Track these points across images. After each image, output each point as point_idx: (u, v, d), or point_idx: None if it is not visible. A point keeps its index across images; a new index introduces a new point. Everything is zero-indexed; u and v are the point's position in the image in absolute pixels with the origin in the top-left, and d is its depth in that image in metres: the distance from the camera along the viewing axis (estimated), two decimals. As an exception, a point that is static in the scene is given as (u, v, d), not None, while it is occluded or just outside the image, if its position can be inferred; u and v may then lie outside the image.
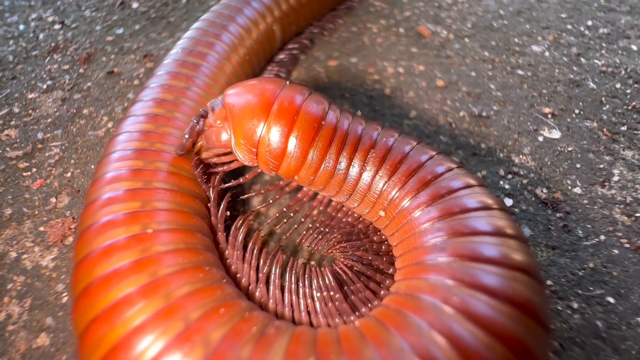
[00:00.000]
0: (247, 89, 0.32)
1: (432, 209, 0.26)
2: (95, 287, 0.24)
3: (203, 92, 0.38)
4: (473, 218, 0.25)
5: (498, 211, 0.26)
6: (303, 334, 0.23)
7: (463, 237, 0.24)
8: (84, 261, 0.25)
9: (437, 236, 0.25)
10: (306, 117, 0.30)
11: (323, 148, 0.30)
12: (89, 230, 0.26)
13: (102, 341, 0.22)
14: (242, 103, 0.31)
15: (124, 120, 0.34)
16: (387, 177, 0.29)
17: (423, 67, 0.55)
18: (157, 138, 0.32)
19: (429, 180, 0.28)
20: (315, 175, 0.31)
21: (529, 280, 0.22)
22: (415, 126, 0.48)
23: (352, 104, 0.50)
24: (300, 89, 0.32)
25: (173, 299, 0.23)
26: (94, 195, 0.28)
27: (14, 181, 0.41)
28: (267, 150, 0.30)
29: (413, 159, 0.29)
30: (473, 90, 0.52)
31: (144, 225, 0.26)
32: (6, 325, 0.31)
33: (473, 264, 0.22)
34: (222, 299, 0.25)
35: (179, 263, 0.25)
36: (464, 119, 0.48)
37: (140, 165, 0.30)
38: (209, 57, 0.40)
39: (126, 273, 0.24)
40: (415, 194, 0.27)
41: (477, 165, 0.43)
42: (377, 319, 0.23)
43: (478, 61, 0.56)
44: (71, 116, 0.47)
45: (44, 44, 0.57)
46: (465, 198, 0.26)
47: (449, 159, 0.30)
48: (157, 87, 0.37)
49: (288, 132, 0.30)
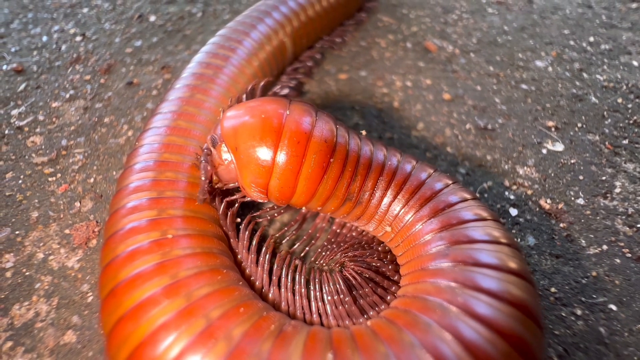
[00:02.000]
0: (245, 123, 0.29)
1: (434, 221, 0.29)
2: (121, 288, 0.25)
3: (219, 102, 0.40)
4: (471, 228, 0.27)
5: (492, 222, 0.28)
6: (319, 332, 0.25)
7: (463, 245, 0.26)
8: (110, 265, 0.27)
9: (439, 244, 0.27)
10: (318, 151, 0.29)
11: (334, 179, 0.29)
12: (114, 237, 0.28)
13: (129, 339, 0.24)
14: (245, 144, 0.28)
15: (144, 131, 0.36)
16: (393, 197, 0.31)
17: (430, 81, 0.57)
18: (176, 149, 0.34)
19: (430, 196, 0.30)
20: (325, 204, 0.31)
21: (523, 283, 0.24)
22: (422, 138, 0.49)
23: (362, 116, 0.52)
24: (306, 112, 0.30)
25: (194, 298, 0.24)
26: (118, 205, 0.30)
27: (40, 186, 0.43)
28: (277, 190, 0.29)
29: (415, 177, 0.31)
30: (479, 104, 0.53)
31: (163, 231, 0.28)
32: (35, 323, 0.33)
33: (473, 269, 0.24)
34: (240, 299, 0.26)
35: (198, 266, 0.26)
36: (469, 132, 0.50)
37: (161, 176, 0.32)
38: (224, 70, 0.43)
39: (149, 275, 0.25)
40: (418, 209, 0.30)
41: (483, 176, 0.45)
42: (387, 318, 0.25)
43: (483, 75, 0.58)
44: (93, 124, 0.49)
45: (66, 55, 0.60)
46: (462, 211, 0.29)
47: (446, 175, 0.32)
48: (176, 99, 0.39)
49: (299, 169, 0.28)
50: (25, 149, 0.47)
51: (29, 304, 0.34)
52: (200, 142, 0.35)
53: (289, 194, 0.30)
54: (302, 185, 0.29)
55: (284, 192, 0.30)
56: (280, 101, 0.31)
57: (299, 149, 0.28)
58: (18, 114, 0.51)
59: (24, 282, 0.36)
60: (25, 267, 0.37)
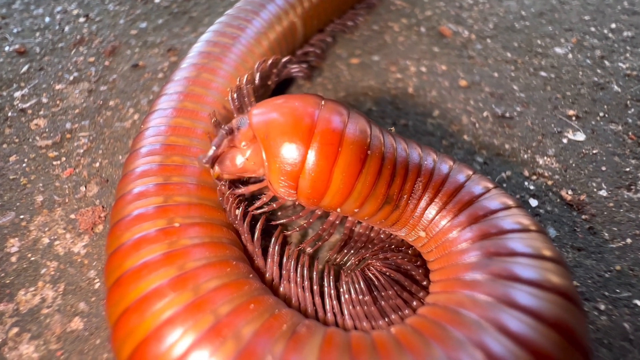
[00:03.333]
0: (279, 111, 0.28)
1: (472, 228, 0.27)
2: (126, 278, 0.24)
3: (228, 82, 0.38)
4: (512, 239, 0.25)
5: (537, 233, 0.26)
6: (335, 336, 0.23)
7: (502, 257, 0.25)
8: (116, 253, 0.26)
9: (477, 254, 0.25)
10: (352, 145, 0.27)
11: (371, 177, 0.28)
12: (120, 224, 0.27)
13: (134, 332, 0.23)
14: (278, 130, 0.27)
15: (150, 113, 0.35)
16: (430, 200, 0.29)
17: (445, 67, 0.55)
18: (184, 132, 0.32)
19: (468, 201, 0.28)
20: (361, 206, 0.29)
21: (566, 304, 0.22)
22: (438, 125, 0.48)
23: (375, 101, 0.50)
24: (339, 109, 0.29)
25: (202, 292, 0.23)
26: (124, 190, 0.29)
27: (45, 169, 0.42)
28: (309, 185, 0.27)
29: (453, 180, 0.29)
30: (496, 91, 0.52)
31: (170, 219, 0.27)
32: (41, 309, 0.32)
33: (512, 284, 0.23)
34: (250, 293, 0.25)
35: (206, 257, 0.25)
36: (487, 119, 0.48)
37: (167, 160, 0.30)
38: (232, 49, 0.41)
39: (155, 266, 0.24)
40: (455, 215, 0.28)
41: (501, 165, 0.44)
42: (414, 328, 0.23)
43: (500, 62, 0.56)
44: (98, 107, 0.48)
45: (70, 37, 0.59)
46: (504, 219, 0.27)
47: (486, 178, 0.30)
48: (183, 79, 0.37)
49: (334, 163, 0.27)
50: (29, 132, 0.46)
51: (35, 289, 0.34)
52: (208, 124, 0.34)
53: (321, 189, 0.27)
54: (338, 180, 0.27)
55: (317, 187, 0.27)
56: (312, 98, 0.30)
57: (334, 138, 0.27)
58: (21, 96, 0.49)
59: (29, 267, 0.35)
60: (30, 252, 0.36)
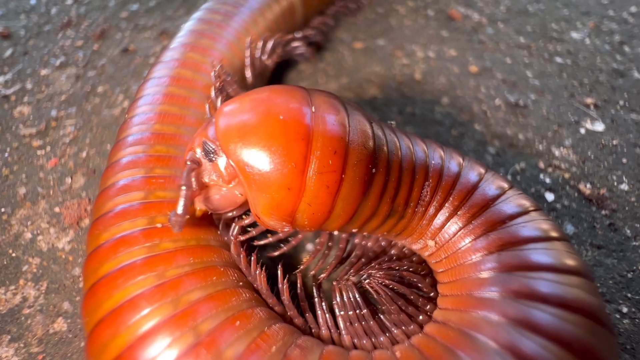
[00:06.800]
0: (261, 128, 0.22)
1: (488, 237, 0.24)
2: (102, 285, 0.22)
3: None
4: (534, 250, 0.23)
5: (561, 243, 0.24)
6: (333, 356, 0.21)
7: (522, 271, 0.22)
8: (93, 255, 0.24)
9: (493, 267, 0.23)
10: (359, 160, 0.22)
11: (376, 194, 0.24)
12: (99, 221, 0.25)
13: (108, 347, 0.21)
14: (261, 159, 0.21)
15: (136, 99, 0.32)
16: (439, 205, 0.25)
17: (455, 52, 0.53)
18: (171, 119, 0.30)
19: (483, 205, 0.25)
20: (365, 224, 0.25)
21: (595, 327, 0.20)
22: (447, 114, 0.45)
23: (380, 88, 0.48)
24: (333, 107, 0.23)
25: (182, 305, 0.21)
26: (106, 183, 0.27)
27: (28, 159, 0.40)
28: (307, 217, 0.23)
29: (465, 180, 0.26)
30: (508, 78, 0.49)
31: (151, 218, 0.24)
32: (22, 309, 0.30)
33: (532, 304, 0.20)
34: (237, 307, 0.22)
35: (190, 263, 0.23)
36: (499, 108, 0.46)
37: (151, 150, 0.28)
38: (227, 28, 0.38)
39: (133, 272, 0.22)
40: (468, 221, 0.25)
41: (515, 157, 0.41)
42: (421, 351, 0.21)
43: (513, 47, 0.53)
44: (86, 94, 0.46)
45: (57, 19, 0.56)
46: (523, 226, 0.24)
47: (501, 177, 0.27)
48: (172, 61, 0.35)
49: (338, 188, 0.22)
50: (12, 120, 0.43)
51: (16, 288, 0.32)
52: (199, 110, 0.31)
53: (321, 220, 0.23)
54: (340, 208, 0.23)
55: (316, 218, 0.23)
56: (297, 91, 0.24)
57: (336, 161, 0.22)
58: (4, 81, 0.47)
59: (10, 264, 0.33)
60: (11, 247, 0.34)
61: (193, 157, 0.24)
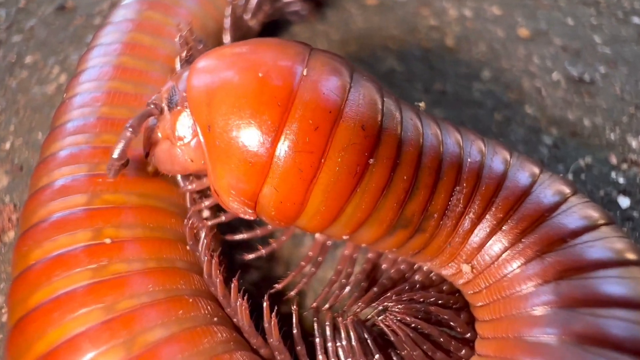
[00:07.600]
0: (233, 85, 0.21)
1: (544, 260, 0.22)
2: (31, 321, 0.20)
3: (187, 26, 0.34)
4: (605, 279, 0.21)
5: (637, 267, 0.22)
6: None
7: (586, 307, 0.21)
8: (20, 280, 0.22)
9: (549, 303, 0.21)
10: (350, 144, 0.21)
11: (373, 193, 0.22)
12: (28, 234, 0.23)
13: None
14: (227, 121, 0.21)
15: (77, 75, 0.30)
16: (477, 218, 0.23)
17: (499, 10, 0.47)
18: (124, 100, 0.28)
19: (537, 217, 0.23)
20: (357, 230, 0.23)
21: None
22: (489, 92, 0.41)
23: (399, 58, 0.43)
24: (334, 72, 0.22)
25: (138, 349, 0.19)
26: (38, 184, 0.25)
27: None
28: (273, 205, 0.22)
29: (512, 184, 0.24)
30: (570, 45, 0.44)
31: (98, 230, 0.22)
32: None
33: (603, 352, 0.19)
34: (210, 351, 0.21)
35: (149, 292, 0.22)
36: (558, 85, 0.41)
37: (98, 141, 0.26)
38: None
39: (73, 304, 0.20)
40: (517, 239, 0.23)
41: (578, 149, 0.37)
42: None
43: (577, 4, 0.48)
44: (9, 66, 0.41)
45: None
46: (591, 246, 0.22)
47: (561, 180, 0.25)
48: (125, 22, 0.32)
49: (315, 175, 0.21)
50: None
51: None
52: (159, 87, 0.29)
53: (292, 213, 0.22)
54: (318, 202, 0.21)
55: (285, 209, 0.22)
56: (292, 48, 0.23)
57: (316, 140, 0.21)
58: None
59: None
60: None
61: (157, 101, 0.24)
